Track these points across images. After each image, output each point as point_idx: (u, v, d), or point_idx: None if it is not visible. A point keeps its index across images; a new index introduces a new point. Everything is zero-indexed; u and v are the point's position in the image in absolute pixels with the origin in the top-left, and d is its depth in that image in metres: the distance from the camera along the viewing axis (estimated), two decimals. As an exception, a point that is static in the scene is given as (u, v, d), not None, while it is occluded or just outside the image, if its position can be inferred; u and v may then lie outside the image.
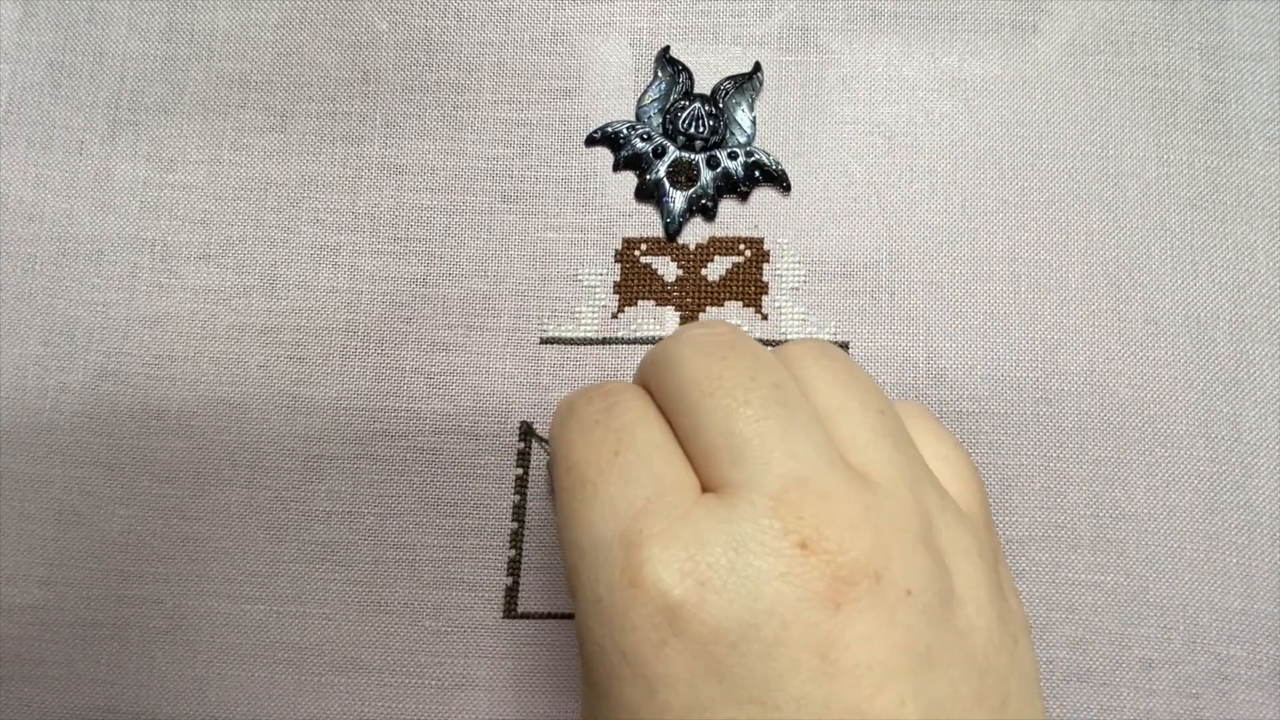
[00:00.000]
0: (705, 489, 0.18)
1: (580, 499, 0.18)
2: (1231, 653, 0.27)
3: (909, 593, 0.17)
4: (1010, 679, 0.18)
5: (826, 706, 0.16)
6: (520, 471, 0.28)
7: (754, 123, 0.29)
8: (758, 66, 0.30)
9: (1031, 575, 0.27)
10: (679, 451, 0.19)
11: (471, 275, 0.29)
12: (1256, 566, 0.27)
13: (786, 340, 0.28)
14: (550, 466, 0.20)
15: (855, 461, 0.18)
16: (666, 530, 0.17)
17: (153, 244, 0.30)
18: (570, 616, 0.27)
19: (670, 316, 0.29)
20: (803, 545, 0.17)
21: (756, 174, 0.29)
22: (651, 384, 0.20)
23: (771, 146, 0.29)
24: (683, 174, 0.29)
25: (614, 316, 0.29)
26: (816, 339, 0.22)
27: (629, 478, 0.18)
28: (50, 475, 0.29)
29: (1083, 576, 0.27)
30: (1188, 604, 0.27)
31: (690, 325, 0.21)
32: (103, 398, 0.29)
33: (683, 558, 0.17)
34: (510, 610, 0.28)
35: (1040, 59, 0.30)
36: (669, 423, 0.20)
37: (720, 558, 0.17)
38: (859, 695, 0.16)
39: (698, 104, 0.29)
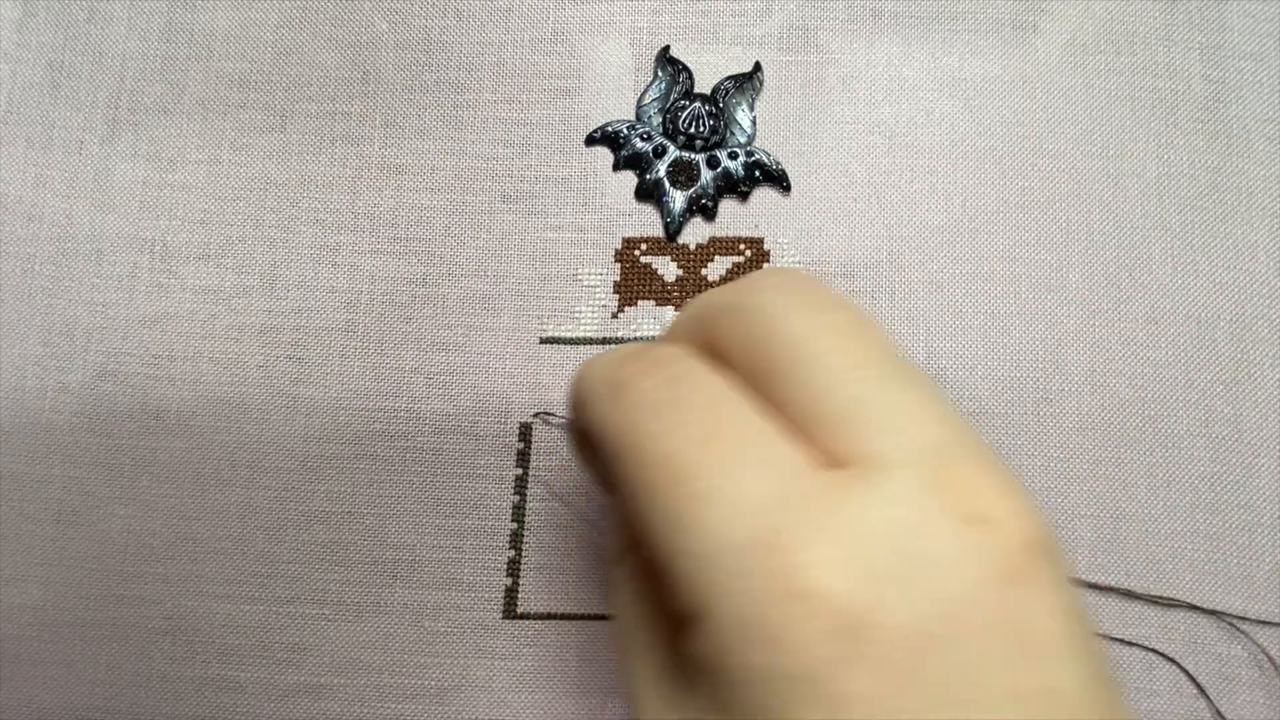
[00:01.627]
0: (824, 463, 0.16)
1: (685, 497, 0.16)
2: (1232, 653, 0.27)
3: (1057, 564, 0.15)
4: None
5: (1023, 692, 0.14)
6: (520, 472, 0.28)
7: (754, 122, 0.29)
8: (758, 66, 0.30)
9: (1032, 575, 0.27)
10: (776, 424, 0.16)
11: (471, 275, 0.29)
12: (1257, 566, 0.27)
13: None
14: (610, 454, 0.17)
15: None
16: (819, 525, 0.15)
17: (152, 244, 0.30)
18: (571, 618, 0.27)
19: (670, 316, 0.29)
20: (966, 519, 0.15)
21: (756, 174, 0.29)
22: (719, 337, 0.18)
23: (771, 146, 0.29)
24: (683, 174, 0.29)
25: (614, 316, 0.29)
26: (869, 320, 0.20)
27: (741, 464, 0.16)
28: (49, 475, 0.29)
29: (1083, 576, 0.27)
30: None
31: (759, 273, 0.18)
32: (102, 398, 0.29)
33: (846, 556, 0.14)
34: (510, 611, 0.28)
35: (1040, 59, 0.30)
36: (758, 388, 0.17)
37: (888, 549, 0.15)
38: (1046, 673, 0.15)
39: (698, 104, 0.29)
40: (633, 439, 0.17)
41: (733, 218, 0.29)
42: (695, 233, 0.29)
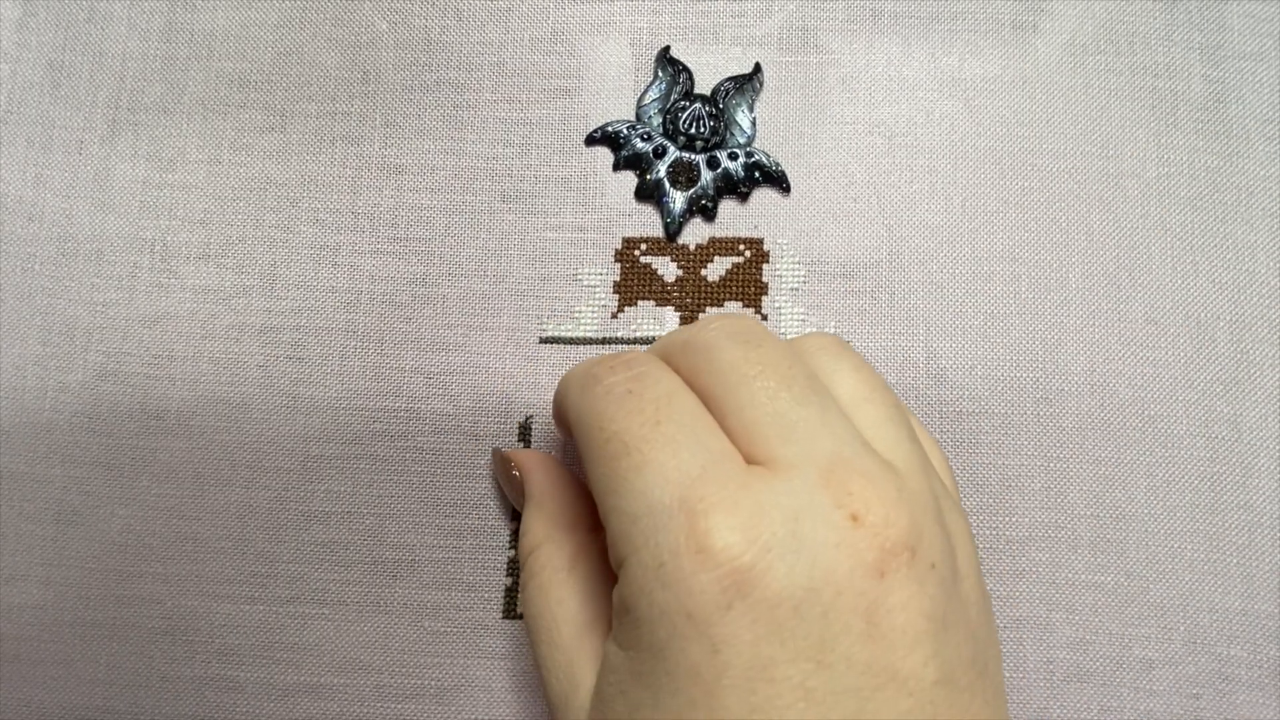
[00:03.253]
0: (751, 463, 0.19)
1: (628, 466, 0.19)
2: (1232, 653, 0.27)
3: (933, 566, 0.18)
4: (990, 647, 0.20)
5: (869, 665, 0.17)
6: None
7: (754, 123, 0.29)
8: (758, 67, 0.30)
9: (1031, 575, 0.27)
10: (716, 424, 0.20)
11: (471, 275, 0.29)
12: (1257, 567, 0.27)
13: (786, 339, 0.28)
14: (577, 434, 0.21)
15: (878, 448, 0.20)
16: (730, 498, 0.18)
17: (152, 244, 0.30)
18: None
19: (670, 316, 0.29)
20: (854, 518, 0.18)
21: (756, 174, 0.29)
22: (679, 365, 0.21)
23: (771, 147, 0.29)
24: (683, 174, 0.29)
25: (614, 316, 0.29)
26: (824, 333, 0.23)
27: (677, 445, 0.19)
28: (50, 475, 0.29)
29: (1083, 577, 0.27)
30: (1188, 604, 0.27)
31: (710, 317, 0.22)
32: (102, 398, 0.29)
33: (748, 525, 0.18)
34: (510, 610, 0.28)
35: (1040, 59, 0.30)
36: (705, 399, 0.20)
37: (781, 526, 0.18)
38: (894, 655, 0.18)
39: (698, 104, 0.29)
40: (595, 419, 0.20)
41: (732, 218, 0.29)
42: (695, 233, 0.29)
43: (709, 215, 0.29)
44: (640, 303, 0.29)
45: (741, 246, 0.29)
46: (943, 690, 0.18)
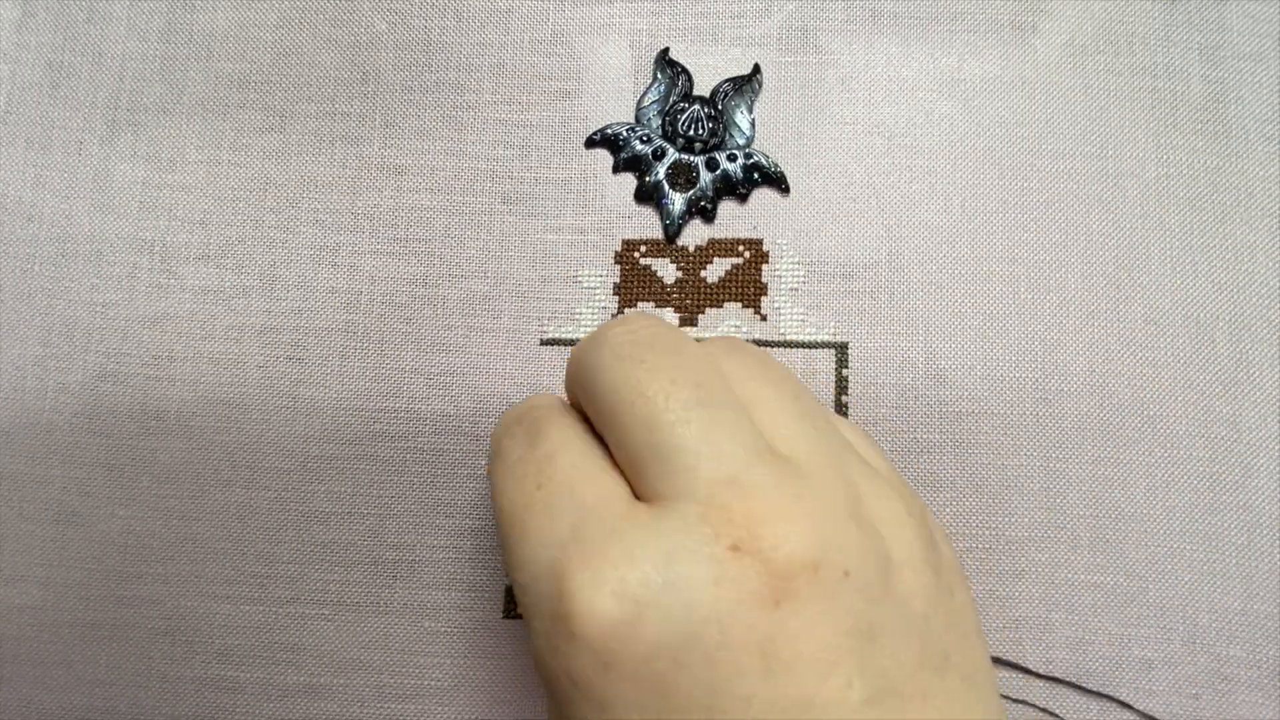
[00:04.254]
0: (640, 499, 0.18)
1: (511, 540, 0.19)
2: (1231, 653, 0.27)
3: (847, 574, 0.17)
4: (950, 632, 0.18)
5: (775, 700, 0.16)
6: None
7: (753, 124, 0.29)
8: (757, 68, 0.30)
9: (1031, 575, 0.27)
10: (606, 467, 0.19)
11: (471, 276, 0.29)
12: (1256, 567, 0.27)
13: (785, 340, 0.28)
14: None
15: (781, 448, 0.18)
16: (596, 553, 0.17)
17: (152, 244, 0.30)
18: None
19: (670, 318, 0.29)
20: (735, 548, 0.17)
21: (755, 176, 0.29)
22: (577, 394, 0.20)
23: (771, 148, 0.29)
24: (682, 176, 0.29)
25: (614, 318, 0.29)
26: (725, 336, 0.22)
27: (553, 509, 0.18)
28: (49, 476, 0.29)
29: (1082, 577, 0.27)
30: (1187, 605, 0.27)
31: (610, 324, 0.20)
32: (102, 398, 0.29)
33: (614, 579, 0.17)
34: (510, 610, 0.28)
35: (1040, 59, 0.30)
36: (598, 433, 0.20)
37: (652, 573, 0.17)
38: (806, 684, 0.16)
39: (697, 106, 0.29)
40: (493, 494, 0.20)
41: (732, 219, 0.29)
42: (694, 235, 0.29)
43: (708, 217, 0.29)
44: (640, 304, 0.29)
45: (741, 247, 0.29)
46: (878, 707, 0.16)
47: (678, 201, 0.29)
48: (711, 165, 0.29)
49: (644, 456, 0.18)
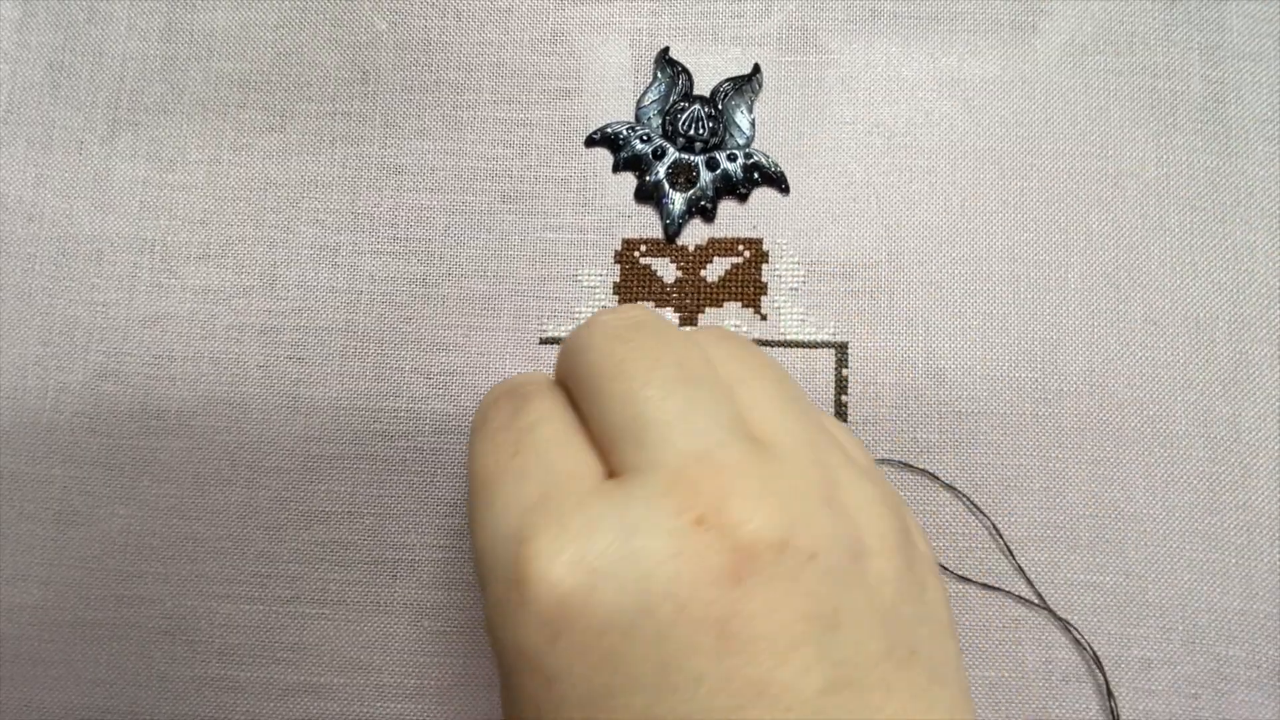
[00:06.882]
0: (611, 476, 0.18)
1: (479, 503, 0.18)
2: (1230, 653, 0.27)
3: (813, 557, 0.16)
4: (919, 627, 0.18)
5: (728, 681, 0.15)
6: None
7: (753, 124, 0.29)
8: (757, 68, 0.30)
9: (1031, 575, 0.27)
10: (584, 443, 0.19)
11: (471, 275, 0.29)
12: (1255, 567, 0.27)
13: (785, 340, 0.28)
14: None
15: (759, 431, 0.18)
16: (557, 522, 0.17)
17: (152, 244, 0.30)
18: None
19: (669, 317, 0.29)
20: (698, 521, 0.16)
21: (755, 175, 0.29)
22: (564, 374, 0.20)
23: (771, 147, 0.29)
24: (682, 175, 0.29)
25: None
26: (715, 326, 0.22)
27: (524, 475, 0.18)
28: (50, 475, 0.29)
29: (1082, 576, 0.27)
30: (1187, 604, 0.27)
31: (603, 310, 0.20)
32: (102, 398, 0.29)
33: (571, 549, 0.16)
34: (510, 610, 0.28)
35: (1040, 59, 0.30)
36: (581, 413, 0.19)
37: (611, 544, 0.16)
38: (761, 667, 0.16)
39: (697, 105, 0.29)
40: (470, 459, 0.20)
41: (732, 219, 0.29)
42: (694, 234, 0.29)
43: (708, 216, 0.29)
44: (640, 303, 0.29)
45: (741, 247, 0.29)
46: (835, 698, 0.16)
47: (678, 201, 0.29)
48: (711, 165, 0.29)
49: (621, 429, 0.18)
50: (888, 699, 0.16)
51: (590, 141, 0.30)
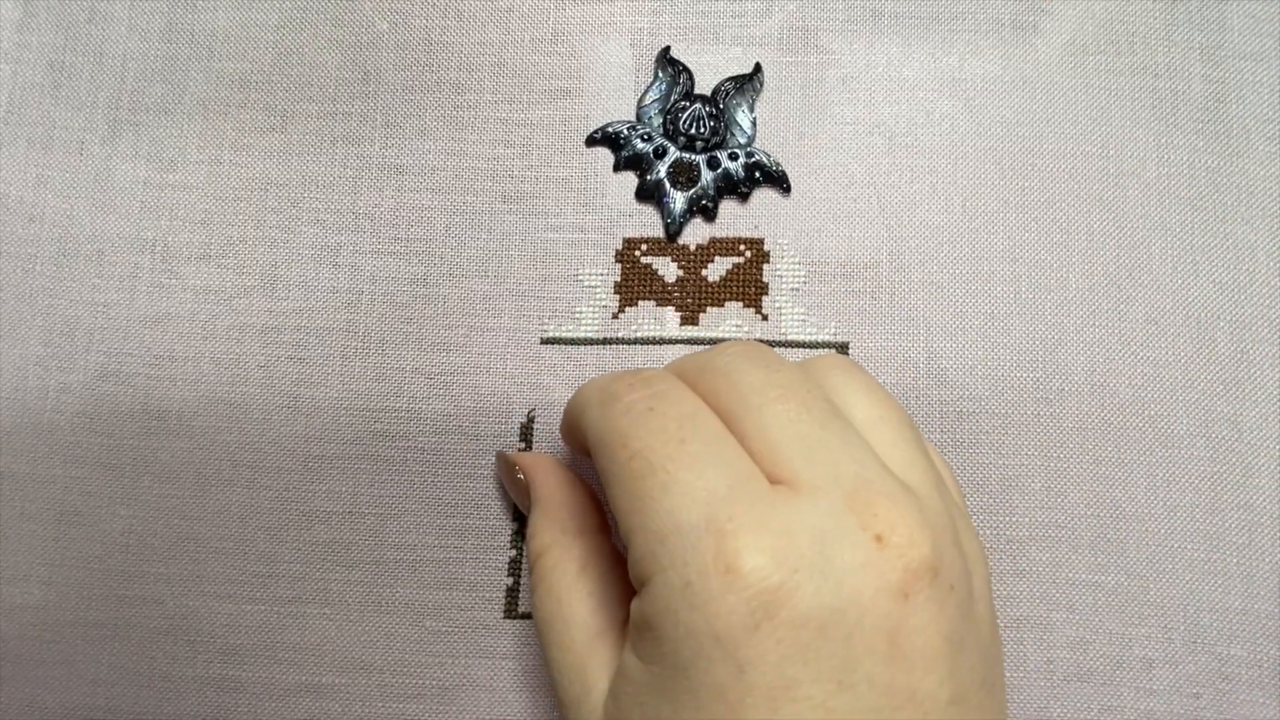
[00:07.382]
0: (772, 484, 0.19)
1: (653, 485, 0.19)
2: (1232, 652, 0.27)
3: (952, 588, 0.19)
4: (997, 668, 0.20)
5: (889, 686, 0.18)
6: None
7: (754, 123, 0.29)
8: (758, 67, 0.30)
9: (1031, 575, 0.27)
10: (739, 445, 0.20)
11: (472, 275, 0.29)
12: (1257, 566, 0.27)
13: (786, 340, 0.28)
14: (596, 452, 0.21)
15: (894, 470, 0.20)
16: (758, 518, 0.18)
17: (153, 244, 0.30)
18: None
19: (670, 317, 0.29)
20: (879, 540, 0.18)
21: (757, 175, 0.29)
22: (696, 386, 0.21)
23: (772, 147, 0.29)
24: (683, 175, 0.29)
25: (614, 317, 0.29)
26: (835, 355, 0.23)
27: (703, 464, 0.19)
28: (51, 475, 0.29)
29: (1083, 576, 0.27)
30: (1188, 604, 0.27)
31: (726, 343, 0.22)
32: (103, 398, 0.29)
33: (776, 546, 0.18)
34: (511, 610, 0.28)
35: (1040, 59, 0.30)
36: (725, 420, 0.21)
37: (808, 547, 0.18)
38: (913, 676, 0.18)
39: (698, 105, 0.29)
40: (617, 436, 0.20)
41: (733, 218, 0.29)
42: (696, 233, 0.29)
43: (709, 215, 0.29)
44: (641, 303, 0.29)
45: (742, 247, 0.29)
46: (956, 710, 0.18)
47: (679, 200, 0.29)
48: (713, 164, 0.29)
49: (787, 444, 0.19)
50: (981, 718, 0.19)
51: (591, 141, 0.30)
